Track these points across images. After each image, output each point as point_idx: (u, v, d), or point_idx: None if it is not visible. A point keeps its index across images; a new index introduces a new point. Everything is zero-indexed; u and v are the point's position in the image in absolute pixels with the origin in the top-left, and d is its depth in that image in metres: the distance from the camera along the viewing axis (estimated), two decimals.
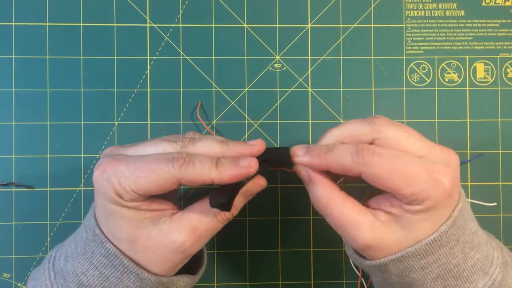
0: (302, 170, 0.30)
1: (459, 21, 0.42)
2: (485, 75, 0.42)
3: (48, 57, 0.41)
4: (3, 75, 0.40)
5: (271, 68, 0.42)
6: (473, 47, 0.42)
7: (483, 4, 0.42)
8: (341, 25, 0.42)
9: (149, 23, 0.41)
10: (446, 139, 0.42)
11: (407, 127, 0.29)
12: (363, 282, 0.41)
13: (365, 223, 0.28)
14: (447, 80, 0.42)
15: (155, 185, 0.27)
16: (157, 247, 0.28)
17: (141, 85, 0.41)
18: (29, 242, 0.40)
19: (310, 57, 0.42)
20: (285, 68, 0.42)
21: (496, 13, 0.42)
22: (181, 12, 0.41)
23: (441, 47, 0.42)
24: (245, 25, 0.42)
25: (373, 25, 0.42)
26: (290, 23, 0.42)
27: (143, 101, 0.41)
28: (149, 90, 0.41)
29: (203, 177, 0.27)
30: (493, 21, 0.42)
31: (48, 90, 0.41)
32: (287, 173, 0.38)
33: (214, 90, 0.41)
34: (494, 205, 0.42)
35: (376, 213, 0.29)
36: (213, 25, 0.42)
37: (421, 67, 0.42)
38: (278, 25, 0.42)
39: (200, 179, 0.28)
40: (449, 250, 0.27)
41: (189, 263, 0.32)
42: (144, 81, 0.41)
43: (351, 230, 0.28)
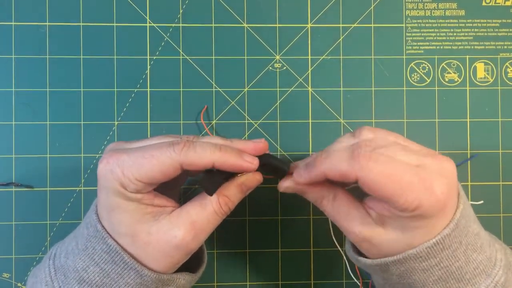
0: (290, 189, 0.31)
1: (459, 20, 0.42)
2: (485, 75, 0.42)
3: (48, 57, 0.41)
4: (3, 75, 0.40)
5: (271, 68, 0.42)
6: (473, 47, 0.42)
7: (483, 3, 0.42)
8: (341, 25, 0.42)
9: (149, 23, 0.41)
10: (446, 139, 0.42)
11: (394, 143, 0.28)
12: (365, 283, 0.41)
13: (356, 216, 0.29)
14: (447, 80, 0.42)
15: (157, 171, 0.27)
16: (158, 243, 0.28)
17: (141, 85, 0.41)
18: (29, 242, 0.40)
19: (310, 57, 0.42)
20: (285, 68, 0.42)
21: (496, 13, 0.42)
22: (181, 12, 0.41)
23: (441, 47, 0.42)
24: (245, 25, 0.42)
25: (373, 25, 0.42)
26: (290, 22, 0.42)
27: (143, 101, 0.41)
28: (149, 90, 0.41)
29: (204, 159, 0.28)
30: (493, 21, 0.42)
31: (48, 90, 0.41)
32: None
33: (214, 90, 0.41)
34: (481, 203, 0.41)
35: (369, 210, 0.29)
36: (213, 25, 0.42)
37: (421, 67, 0.42)
38: (278, 25, 0.42)
39: (201, 162, 0.28)
40: (451, 252, 0.27)
41: (189, 262, 0.32)
42: (144, 81, 0.41)
43: (344, 221, 0.29)
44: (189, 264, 0.33)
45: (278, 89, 0.42)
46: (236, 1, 0.42)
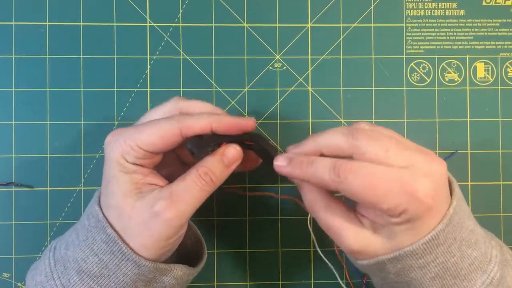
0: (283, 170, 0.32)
1: (460, 20, 0.42)
2: (485, 75, 0.42)
3: (48, 56, 0.41)
4: (3, 75, 0.40)
5: (271, 67, 0.42)
6: (473, 47, 0.42)
7: (484, 3, 0.42)
8: (341, 25, 0.42)
9: (149, 23, 0.41)
10: (446, 138, 0.42)
11: (388, 137, 0.28)
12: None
13: (349, 230, 0.29)
14: (447, 79, 0.42)
15: (157, 136, 0.29)
16: (139, 216, 0.29)
17: (141, 85, 0.41)
18: (29, 241, 0.40)
19: (310, 57, 0.42)
20: (285, 67, 0.42)
21: (496, 13, 0.42)
22: (181, 11, 0.41)
23: (442, 47, 0.42)
24: (245, 25, 0.42)
25: (373, 25, 0.42)
26: (290, 22, 0.42)
27: (143, 100, 0.41)
28: (149, 89, 0.41)
29: (202, 121, 0.30)
30: (494, 21, 0.42)
31: (48, 89, 0.41)
32: None
33: (214, 89, 0.41)
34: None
35: (362, 219, 0.29)
36: (213, 25, 0.42)
37: (421, 67, 0.42)
38: (278, 25, 0.42)
39: (199, 125, 0.30)
40: (446, 248, 0.28)
41: (189, 258, 0.33)
42: (144, 80, 0.41)
43: (336, 235, 0.29)
44: (189, 260, 0.33)
45: (278, 89, 0.42)
46: (236, 1, 0.42)
